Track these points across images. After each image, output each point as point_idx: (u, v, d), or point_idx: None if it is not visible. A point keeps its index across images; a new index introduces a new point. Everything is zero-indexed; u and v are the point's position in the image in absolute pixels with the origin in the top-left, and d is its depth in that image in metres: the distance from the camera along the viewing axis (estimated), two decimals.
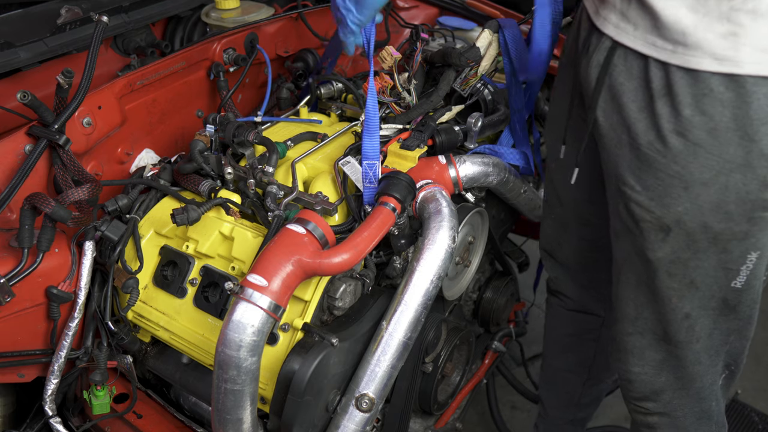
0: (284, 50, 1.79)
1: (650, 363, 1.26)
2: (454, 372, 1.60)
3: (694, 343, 1.19)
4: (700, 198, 1.02)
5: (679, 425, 1.31)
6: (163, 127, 1.56)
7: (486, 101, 1.62)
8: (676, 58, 0.95)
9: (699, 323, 1.16)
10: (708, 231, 1.04)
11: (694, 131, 0.97)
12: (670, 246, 1.08)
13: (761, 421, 2.20)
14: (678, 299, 1.14)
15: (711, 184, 1.00)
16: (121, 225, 1.27)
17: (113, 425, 1.36)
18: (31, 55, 1.43)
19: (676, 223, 1.05)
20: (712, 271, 1.09)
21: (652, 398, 1.30)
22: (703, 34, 0.92)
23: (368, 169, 1.26)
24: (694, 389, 1.26)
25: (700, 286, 1.11)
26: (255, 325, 1.04)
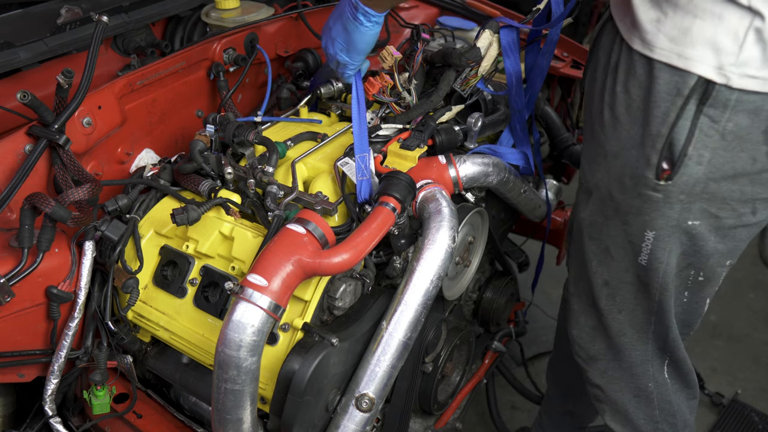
0: (284, 50, 1.79)
1: (584, 327, 1.36)
2: (454, 372, 1.60)
3: (616, 313, 1.28)
4: (611, 168, 1.12)
5: (617, 400, 1.39)
6: (163, 127, 1.56)
7: (486, 101, 1.62)
8: (627, 36, 1.04)
9: (619, 295, 1.25)
10: (613, 199, 1.14)
11: (618, 107, 1.07)
12: (590, 209, 1.21)
13: (761, 421, 2.20)
14: (597, 264, 1.25)
15: (618, 156, 1.10)
16: (121, 225, 1.27)
17: (113, 425, 1.36)
18: (31, 55, 1.43)
19: (596, 188, 1.18)
20: (620, 241, 1.18)
21: (591, 365, 1.39)
22: (641, 16, 1.00)
23: (360, 162, 1.28)
24: (625, 363, 1.33)
25: (615, 256, 1.21)
26: (255, 325, 1.04)
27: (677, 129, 1.00)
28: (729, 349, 2.47)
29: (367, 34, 1.23)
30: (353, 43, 1.25)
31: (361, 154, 1.28)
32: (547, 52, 1.53)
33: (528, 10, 1.52)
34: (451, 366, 1.57)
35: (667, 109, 1.00)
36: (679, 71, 0.97)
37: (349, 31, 1.22)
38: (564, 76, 1.89)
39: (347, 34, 1.23)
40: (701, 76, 0.96)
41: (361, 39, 1.24)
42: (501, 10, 1.95)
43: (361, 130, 1.31)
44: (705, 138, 0.99)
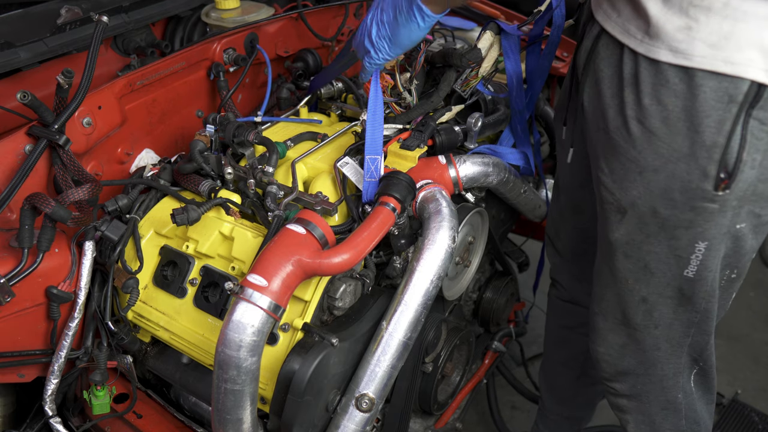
0: (284, 50, 1.79)
1: (613, 345, 1.31)
2: (454, 372, 1.60)
3: (652, 328, 1.23)
4: (651, 183, 1.06)
5: (645, 411, 1.35)
6: (163, 127, 1.56)
7: (486, 101, 1.62)
8: (643, 48, 1.00)
9: (657, 310, 1.20)
10: (657, 216, 1.09)
11: (650, 119, 1.02)
12: (625, 228, 1.14)
13: (761, 421, 2.20)
14: (634, 281, 1.19)
15: (661, 170, 1.05)
16: (121, 225, 1.27)
17: (113, 425, 1.36)
18: (31, 55, 1.42)
19: (631, 206, 1.11)
20: (664, 257, 1.13)
21: (618, 379, 1.34)
22: (664, 25, 0.96)
23: (370, 164, 1.27)
24: (656, 376, 1.29)
25: (655, 272, 1.15)
26: (255, 325, 1.04)
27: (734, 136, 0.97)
28: (729, 348, 2.47)
29: (415, 32, 1.16)
30: (398, 37, 1.17)
31: (371, 156, 1.27)
32: (548, 54, 1.53)
33: (528, 10, 1.52)
34: (451, 366, 1.57)
35: (721, 117, 0.96)
36: (727, 77, 0.94)
37: (398, 22, 1.14)
38: (564, 76, 1.89)
39: (396, 25, 1.15)
40: (753, 80, 0.93)
41: (408, 36, 1.17)
42: (501, 10, 1.95)
43: (375, 131, 1.28)
44: (756, 141, 0.97)
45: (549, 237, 1.64)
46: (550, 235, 1.64)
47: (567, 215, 1.53)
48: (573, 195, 1.47)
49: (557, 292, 1.69)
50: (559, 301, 1.70)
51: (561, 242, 1.59)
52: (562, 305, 1.69)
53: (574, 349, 1.73)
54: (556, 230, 1.60)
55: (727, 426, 2.20)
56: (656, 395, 1.32)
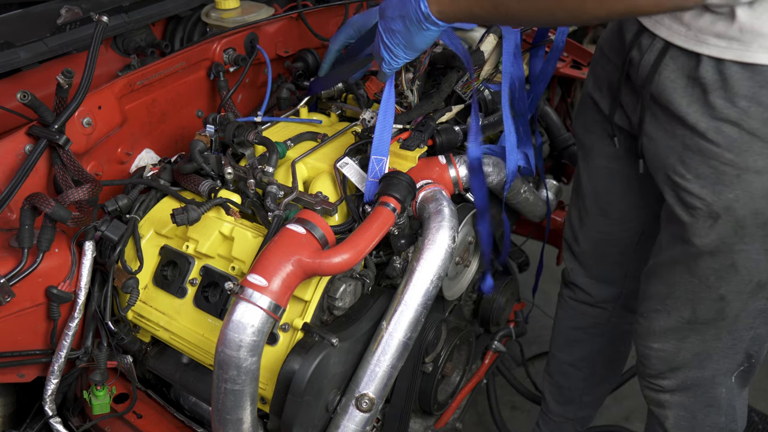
0: (284, 50, 1.78)
1: (671, 340, 1.29)
2: (454, 372, 1.60)
3: (719, 320, 1.22)
4: (753, 185, 1.06)
5: (688, 407, 1.34)
6: (163, 127, 1.56)
7: (486, 101, 1.62)
8: (731, 53, 0.99)
9: (730, 306, 1.19)
10: (759, 217, 1.08)
11: (749, 121, 1.02)
12: (717, 232, 1.12)
13: (761, 421, 2.20)
14: (716, 279, 1.17)
15: (764, 171, 1.04)
16: (121, 225, 1.27)
17: (113, 425, 1.36)
18: (31, 55, 1.42)
19: (726, 210, 1.09)
20: (754, 254, 1.13)
21: (668, 376, 1.33)
22: (759, 29, 0.96)
23: (375, 164, 1.27)
24: (709, 369, 1.29)
25: (740, 270, 1.15)
26: (255, 325, 1.04)
27: None
28: None
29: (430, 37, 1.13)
30: (413, 43, 1.15)
31: (377, 157, 1.26)
32: (552, 59, 1.53)
33: None
34: (451, 366, 1.57)
35: None
36: None
37: (411, 32, 1.12)
38: (564, 76, 1.89)
39: (409, 33, 1.12)
40: None
41: (423, 41, 1.14)
42: None
43: (384, 133, 1.27)
44: None
45: (566, 242, 1.64)
46: (567, 240, 1.64)
47: (589, 219, 1.52)
48: (600, 201, 1.47)
49: (573, 294, 1.69)
50: (575, 302, 1.70)
51: (579, 246, 1.59)
52: (576, 306, 1.70)
53: (586, 350, 1.73)
54: (574, 235, 1.60)
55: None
56: (704, 390, 1.32)
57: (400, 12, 1.10)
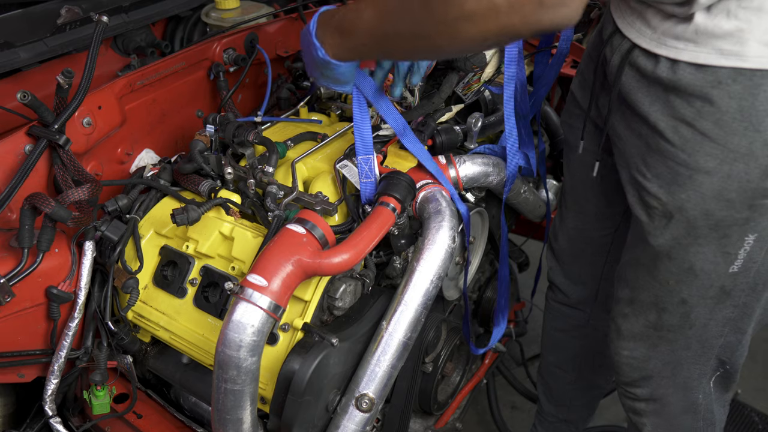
0: (284, 50, 1.78)
1: (640, 348, 1.29)
2: (454, 372, 1.60)
3: (687, 329, 1.22)
4: (703, 186, 1.05)
5: (664, 414, 1.34)
6: (163, 127, 1.56)
7: (486, 101, 1.62)
8: (686, 55, 1.00)
9: (695, 311, 1.19)
10: (709, 218, 1.08)
11: (701, 121, 1.02)
12: (671, 232, 1.12)
13: (761, 421, 2.20)
14: (675, 283, 1.17)
15: (714, 172, 1.04)
16: (121, 225, 1.27)
17: (113, 425, 1.36)
18: (31, 55, 1.43)
19: (678, 210, 1.10)
20: (711, 256, 1.12)
21: (641, 384, 1.33)
22: (713, 30, 0.96)
23: (363, 164, 1.25)
24: (681, 377, 1.29)
25: (699, 274, 1.14)
26: (255, 325, 1.04)
27: None
28: None
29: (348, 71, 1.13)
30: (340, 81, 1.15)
31: (363, 157, 1.25)
32: (556, 65, 1.53)
33: None
34: (451, 366, 1.57)
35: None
36: None
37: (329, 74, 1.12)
38: (564, 76, 1.89)
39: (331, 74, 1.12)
40: None
41: (343, 75, 1.13)
42: None
43: (363, 132, 1.26)
44: None
45: (549, 239, 1.65)
46: (549, 237, 1.65)
47: (568, 216, 1.53)
48: (577, 196, 1.48)
49: (553, 295, 1.70)
50: (555, 303, 1.70)
51: (559, 243, 1.60)
52: (557, 308, 1.70)
53: (569, 353, 1.73)
54: (555, 232, 1.61)
55: (727, 426, 2.18)
56: (678, 398, 1.31)
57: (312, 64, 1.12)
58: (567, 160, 1.49)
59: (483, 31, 0.85)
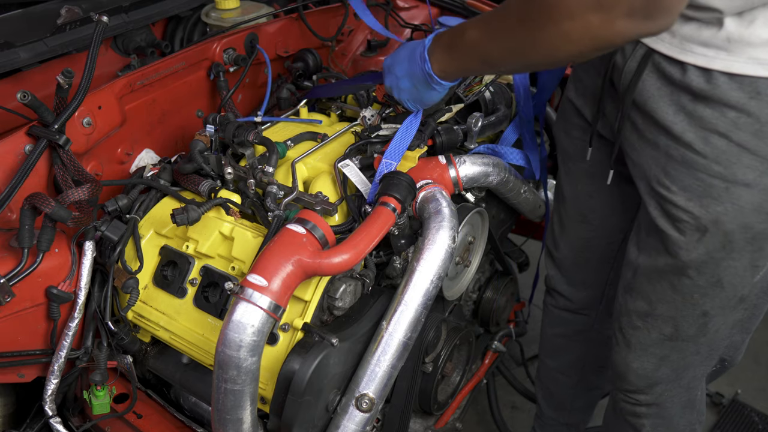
0: (284, 50, 1.79)
1: (651, 359, 1.27)
2: (454, 372, 1.60)
3: (701, 337, 1.21)
4: (742, 199, 1.03)
5: (665, 414, 1.35)
6: (163, 127, 1.56)
7: (486, 101, 1.62)
8: (719, 64, 0.96)
9: (713, 321, 1.17)
10: (747, 231, 1.06)
11: (738, 133, 0.99)
12: (704, 246, 1.10)
13: (761, 421, 2.20)
14: (700, 296, 1.15)
15: (754, 185, 1.01)
16: (121, 225, 1.27)
17: (113, 425, 1.36)
18: (31, 55, 1.42)
19: (714, 224, 1.07)
20: (741, 270, 1.10)
21: (646, 391, 1.32)
22: (748, 39, 0.93)
23: (385, 167, 1.28)
24: (686, 379, 1.29)
25: (726, 286, 1.12)
26: (255, 325, 1.04)
27: None
28: None
29: (437, 95, 1.23)
30: (425, 100, 1.26)
31: (388, 161, 1.29)
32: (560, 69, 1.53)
33: None
34: (451, 366, 1.57)
35: None
36: None
37: (420, 91, 1.22)
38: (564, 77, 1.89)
39: (417, 92, 1.23)
40: None
41: (432, 99, 1.25)
42: None
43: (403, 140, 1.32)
44: None
45: (547, 248, 1.62)
46: (548, 246, 1.62)
47: (570, 225, 1.51)
48: (581, 206, 1.45)
49: (554, 302, 1.68)
50: (556, 309, 1.69)
51: (560, 252, 1.58)
52: (558, 314, 1.69)
53: (571, 357, 1.72)
54: (554, 241, 1.59)
55: (727, 426, 2.20)
56: (680, 397, 1.31)
57: (408, 71, 1.20)
58: (566, 170, 1.46)
59: (579, 48, 0.88)
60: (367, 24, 1.46)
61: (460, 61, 1.12)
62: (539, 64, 1.00)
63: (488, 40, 1.03)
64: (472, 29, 1.06)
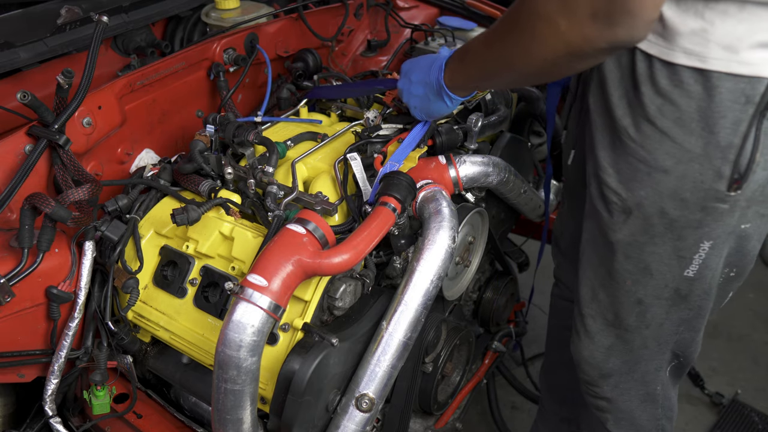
0: (284, 50, 1.79)
1: (600, 347, 1.31)
2: (454, 372, 1.60)
3: (643, 329, 1.24)
4: (661, 184, 1.06)
5: (624, 408, 1.36)
6: (163, 127, 1.56)
7: (486, 102, 1.62)
8: (656, 50, 1.00)
9: (650, 311, 1.20)
10: (664, 216, 1.09)
11: (662, 120, 1.02)
12: (629, 228, 1.13)
13: (761, 421, 2.20)
14: (632, 283, 1.19)
15: (671, 171, 1.04)
16: (121, 225, 1.27)
17: (113, 425, 1.36)
18: (31, 55, 1.42)
19: (637, 206, 1.11)
20: (666, 258, 1.13)
21: (600, 383, 1.35)
22: (679, 28, 0.96)
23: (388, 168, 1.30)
24: (639, 373, 1.30)
25: (655, 274, 1.15)
26: (255, 325, 1.04)
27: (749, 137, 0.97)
28: (729, 349, 2.47)
29: (444, 109, 1.28)
30: (432, 111, 1.30)
31: (392, 162, 1.31)
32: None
33: None
34: (451, 366, 1.57)
35: (737, 118, 0.97)
36: (744, 78, 0.94)
37: (431, 100, 1.26)
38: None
39: (429, 102, 1.27)
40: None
41: (440, 111, 1.29)
42: (501, 10, 1.95)
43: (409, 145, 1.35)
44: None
45: (555, 236, 1.65)
46: (555, 234, 1.65)
47: (570, 214, 1.53)
48: (575, 194, 1.48)
49: (560, 292, 1.70)
50: (561, 300, 1.70)
51: (564, 241, 1.60)
52: (563, 305, 1.70)
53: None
54: (561, 230, 1.61)
55: (727, 426, 2.20)
56: (636, 390, 1.34)
57: (423, 78, 1.24)
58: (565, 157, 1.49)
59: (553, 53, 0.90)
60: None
61: (465, 74, 1.16)
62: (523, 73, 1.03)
63: (487, 49, 1.07)
64: (476, 40, 1.09)
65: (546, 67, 0.95)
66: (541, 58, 0.93)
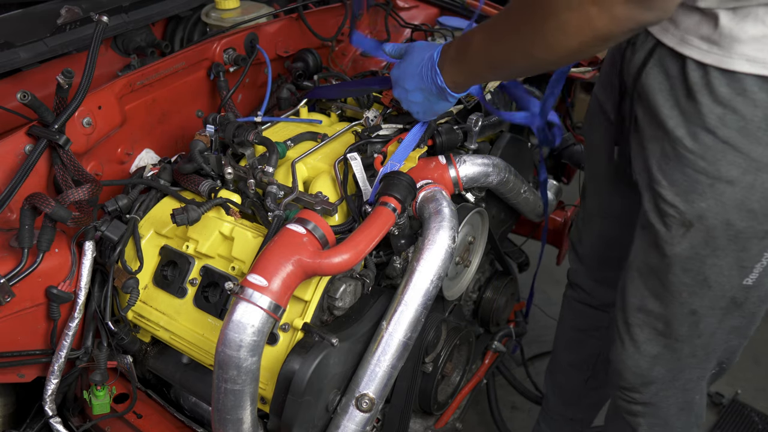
0: (284, 50, 1.79)
1: (646, 356, 1.28)
2: (454, 372, 1.60)
3: (695, 338, 1.21)
4: (725, 195, 1.03)
5: (661, 415, 1.34)
6: (163, 127, 1.56)
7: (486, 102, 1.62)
8: (711, 58, 0.97)
9: (704, 321, 1.17)
10: (730, 228, 1.06)
11: (724, 129, 0.99)
12: (689, 241, 1.10)
13: (761, 421, 2.20)
14: (688, 295, 1.15)
15: (737, 182, 1.01)
16: (121, 225, 1.27)
17: (113, 425, 1.36)
18: (31, 55, 1.42)
19: (698, 219, 1.07)
20: (726, 269, 1.10)
21: (641, 390, 1.32)
22: (738, 35, 0.93)
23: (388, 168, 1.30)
24: (681, 381, 1.28)
25: (713, 285, 1.12)
26: (255, 325, 1.04)
27: None
28: None
29: (447, 107, 1.26)
30: (436, 112, 1.29)
31: (393, 162, 1.31)
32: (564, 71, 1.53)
33: None
34: (451, 366, 1.57)
35: None
36: None
37: (432, 103, 1.24)
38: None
39: (430, 104, 1.25)
40: None
41: (444, 109, 1.27)
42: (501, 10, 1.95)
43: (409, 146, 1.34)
44: None
45: (572, 242, 1.65)
46: (573, 240, 1.64)
47: (592, 220, 1.52)
48: (603, 202, 1.46)
49: (576, 295, 1.69)
50: (577, 303, 1.69)
51: (583, 247, 1.59)
52: (579, 307, 1.69)
53: (586, 352, 1.73)
54: (579, 236, 1.60)
55: (727, 426, 2.20)
56: (676, 398, 1.31)
57: (419, 85, 1.21)
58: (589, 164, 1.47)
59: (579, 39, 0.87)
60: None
61: (468, 70, 1.13)
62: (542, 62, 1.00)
63: (493, 42, 1.04)
64: (477, 35, 1.07)
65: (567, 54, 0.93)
66: (564, 47, 0.90)
